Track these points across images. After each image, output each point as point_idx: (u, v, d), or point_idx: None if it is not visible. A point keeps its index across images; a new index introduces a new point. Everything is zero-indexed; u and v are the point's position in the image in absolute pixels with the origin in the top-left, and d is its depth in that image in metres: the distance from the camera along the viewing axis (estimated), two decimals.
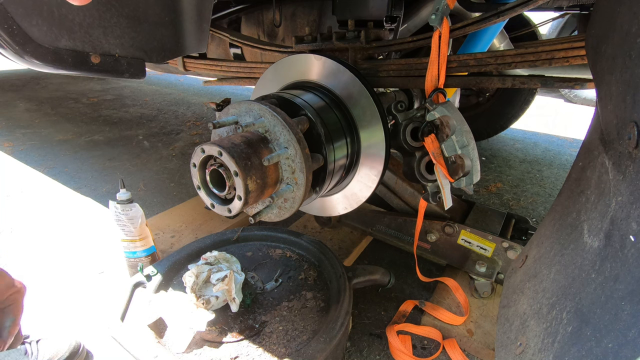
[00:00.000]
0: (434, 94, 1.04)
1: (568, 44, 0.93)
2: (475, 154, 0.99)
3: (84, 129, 3.31)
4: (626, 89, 0.51)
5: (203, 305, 1.05)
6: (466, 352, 1.14)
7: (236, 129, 0.93)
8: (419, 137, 1.04)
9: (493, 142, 3.10)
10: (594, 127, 0.72)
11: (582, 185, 0.68)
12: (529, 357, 0.61)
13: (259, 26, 2.05)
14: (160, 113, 3.91)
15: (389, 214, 1.59)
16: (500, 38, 1.77)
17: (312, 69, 1.18)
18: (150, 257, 1.38)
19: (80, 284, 1.40)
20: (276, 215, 0.99)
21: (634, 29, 0.51)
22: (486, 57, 1.03)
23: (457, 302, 1.29)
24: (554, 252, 0.69)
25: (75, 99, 4.36)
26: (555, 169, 2.61)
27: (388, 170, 1.40)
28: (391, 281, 1.28)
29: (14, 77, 5.42)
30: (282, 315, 1.08)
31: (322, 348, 0.93)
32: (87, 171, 2.45)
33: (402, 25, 1.53)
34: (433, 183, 1.08)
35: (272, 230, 1.43)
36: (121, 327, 1.01)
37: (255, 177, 0.85)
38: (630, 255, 0.46)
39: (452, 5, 0.97)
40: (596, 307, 0.49)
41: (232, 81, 1.76)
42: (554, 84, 1.01)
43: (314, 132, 1.01)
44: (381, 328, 1.22)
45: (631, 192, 0.48)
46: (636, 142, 0.47)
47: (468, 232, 1.38)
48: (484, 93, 2.79)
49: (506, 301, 0.80)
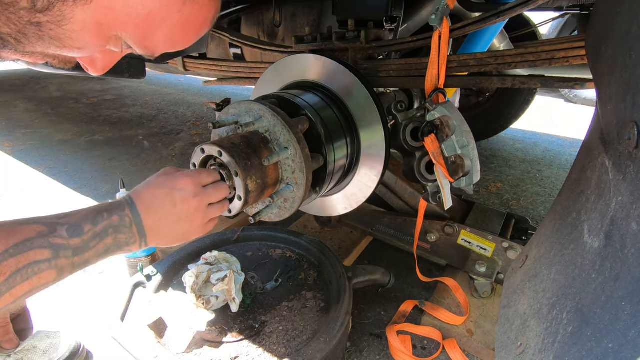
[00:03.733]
0: (434, 94, 1.04)
1: (568, 44, 0.93)
2: (475, 154, 0.99)
3: (84, 129, 3.31)
4: (626, 89, 0.51)
5: (203, 305, 1.05)
6: (466, 352, 1.13)
7: (236, 129, 0.93)
8: (419, 137, 1.04)
9: (493, 142, 3.10)
10: (594, 127, 0.71)
11: (582, 185, 0.68)
12: (529, 357, 0.61)
13: (259, 26, 2.05)
14: (160, 113, 3.91)
15: (389, 214, 1.59)
16: (500, 38, 1.77)
17: (312, 69, 1.18)
18: (150, 257, 1.38)
19: (80, 284, 1.40)
20: (276, 215, 0.99)
21: (634, 29, 0.51)
22: (486, 57, 1.03)
23: (457, 302, 1.29)
24: (554, 252, 0.69)
25: (75, 99, 4.36)
26: (555, 169, 2.61)
27: (388, 170, 1.40)
28: (391, 281, 1.28)
29: (14, 77, 5.42)
30: (282, 315, 1.08)
31: (322, 348, 0.93)
32: (87, 171, 2.45)
33: (402, 25, 1.53)
34: (433, 183, 1.08)
35: (272, 230, 1.43)
36: (121, 327, 1.01)
37: (255, 177, 0.85)
38: (631, 255, 0.46)
39: (452, 5, 0.97)
40: (596, 307, 0.49)
41: (232, 81, 1.76)
42: (554, 84, 1.01)
43: (314, 132, 1.01)
44: (381, 328, 1.22)
45: (631, 192, 0.48)
46: (636, 142, 0.47)
47: (468, 232, 1.38)
48: (484, 93, 2.79)
49: (506, 301, 0.80)
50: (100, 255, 0.67)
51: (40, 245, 0.58)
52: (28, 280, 0.57)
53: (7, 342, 0.81)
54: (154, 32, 0.62)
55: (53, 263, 0.60)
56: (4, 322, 0.81)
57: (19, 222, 0.60)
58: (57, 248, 0.60)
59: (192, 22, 0.65)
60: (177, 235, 0.76)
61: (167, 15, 0.61)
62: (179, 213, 0.74)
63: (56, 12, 0.54)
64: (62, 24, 0.55)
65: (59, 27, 0.55)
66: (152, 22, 0.60)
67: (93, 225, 0.65)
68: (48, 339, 0.92)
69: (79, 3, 0.54)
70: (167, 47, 0.67)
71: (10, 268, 0.55)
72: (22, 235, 0.57)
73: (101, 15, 0.56)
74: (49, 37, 0.57)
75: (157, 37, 0.63)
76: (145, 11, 0.58)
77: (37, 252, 0.58)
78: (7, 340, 0.81)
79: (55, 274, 0.61)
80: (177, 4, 0.61)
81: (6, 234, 0.56)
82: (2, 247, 0.55)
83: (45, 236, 0.59)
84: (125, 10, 0.57)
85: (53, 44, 0.58)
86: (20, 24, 0.54)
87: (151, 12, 0.59)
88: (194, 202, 0.75)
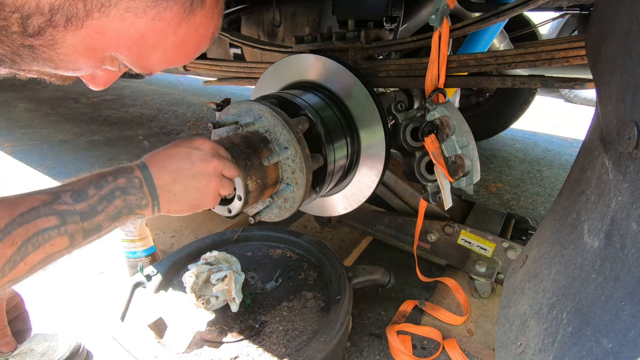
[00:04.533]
0: (434, 94, 1.04)
1: (568, 44, 0.93)
2: (475, 154, 0.99)
3: (84, 129, 3.31)
4: (626, 89, 0.51)
5: (203, 305, 1.05)
6: (466, 352, 1.13)
7: (236, 129, 0.93)
8: (419, 137, 1.04)
9: (493, 142, 3.10)
10: (594, 127, 0.72)
11: (582, 185, 0.68)
12: (529, 357, 0.61)
13: (259, 26, 2.05)
14: (160, 113, 3.91)
15: (389, 214, 1.59)
16: (500, 38, 1.77)
17: (312, 69, 1.18)
18: (150, 257, 1.38)
19: (80, 284, 1.40)
20: (276, 215, 0.99)
21: (634, 29, 0.51)
22: (486, 57, 1.03)
23: (457, 302, 1.29)
24: (554, 252, 0.69)
25: (75, 99, 4.36)
26: (555, 169, 2.61)
27: (388, 170, 1.40)
28: (391, 281, 1.28)
29: (14, 77, 5.40)
30: (282, 315, 1.08)
31: (322, 348, 0.93)
32: (87, 171, 2.40)
33: (402, 25, 1.53)
34: (433, 183, 1.08)
35: (272, 230, 1.43)
36: (121, 327, 1.01)
37: (255, 177, 0.85)
38: (630, 255, 0.46)
39: (452, 5, 0.97)
40: (596, 307, 0.49)
41: (232, 81, 1.76)
42: (554, 84, 1.01)
43: (314, 132, 1.01)
44: (381, 328, 1.22)
45: (631, 192, 0.48)
46: (636, 142, 0.47)
47: (468, 232, 1.38)
48: (484, 93, 2.79)
49: (506, 301, 0.80)
50: (112, 218, 0.65)
51: (46, 213, 0.57)
52: (40, 248, 0.57)
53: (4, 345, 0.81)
54: (149, 53, 0.62)
55: (62, 229, 0.59)
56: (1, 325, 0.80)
57: (21, 194, 0.59)
58: (64, 214, 0.59)
59: (189, 42, 0.64)
60: (190, 199, 0.74)
61: (161, 37, 0.60)
62: (195, 171, 0.72)
63: (47, 36, 0.54)
64: (54, 47, 0.55)
65: (52, 50, 0.56)
66: (145, 44, 0.60)
67: (97, 189, 0.64)
68: (46, 341, 0.91)
69: (70, 28, 0.54)
70: (164, 65, 0.66)
71: (21, 237, 0.54)
72: (26, 205, 0.56)
73: (92, 40, 0.56)
74: (42, 58, 0.57)
75: (153, 58, 0.63)
76: (138, 34, 0.58)
77: (44, 219, 0.57)
78: (5, 343, 0.80)
79: (67, 241, 0.60)
80: (171, 26, 0.60)
81: (10, 205, 0.55)
82: (9, 217, 0.54)
83: (50, 204, 0.58)
84: (117, 34, 0.57)
85: (47, 65, 0.58)
86: (14, 46, 0.55)
87: (144, 35, 0.58)
88: (213, 162, 0.74)
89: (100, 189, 0.64)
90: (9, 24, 0.52)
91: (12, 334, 0.82)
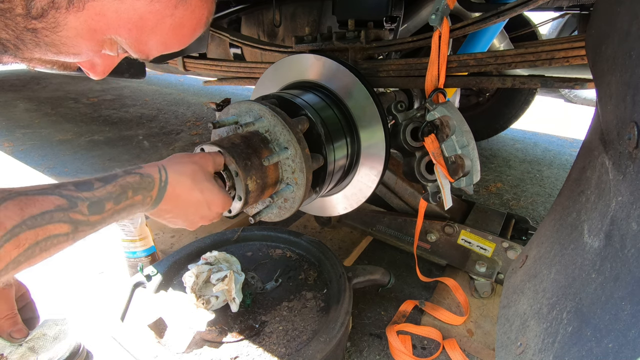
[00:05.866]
0: (434, 94, 1.04)
1: (568, 44, 0.93)
2: (475, 154, 0.99)
3: (84, 129, 3.31)
4: (626, 89, 0.51)
5: (203, 305, 1.05)
6: (466, 352, 1.13)
7: (236, 129, 0.93)
8: (419, 137, 1.04)
9: (493, 142, 3.10)
10: (594, 127, 0.71)
11: (582, 185, 0.68)
12: (529, 357, 0.61)
13: (259, 26, 2.05)
14: (160, 113, 3.91)
15: (389, 214, 1.59)
16: (500, 38, 1.77)
17: (312, 69, 1.18)
18: (150, 257, 1.38)
19: (80, 284, 1.40)
20: (276, 215, 0.99)
21: (634, 29, 0.51)
22: (486, 57, 1.03)
23: (457, 302, 1.29)
24: (554, 252, 0.69)
25: (75, 99, 4.36)
26: (555, 169, 2.61)
27: (388, 170, 1.40)
28: (391, 281, 1.28)
29: (14, 77, 5.41)
30: (282, 315, 1.08)
31: (322, 348, 0.93)
32: (87, 171, 2.45)
33: (402, 25, 1.53)
34: (433, 183, 1.08)
35: (272, 230, 1.43)
36: (121, 327, 1.01)
37: (255, 177, 0.85)
38: (630, 255, 0.46)
39: (452, 5, 0.97)
40: (596, 307, 0.49)
41: (232, 81, 1.76)
42: (554, 84, 1.01)
43: (314, 132, 1.01)
44: (381, 328, 1.22)
45: (631, 192, 0.48)
46: (636, 142, 0.47)
47: (468, 232, 1.38)
48: (484, 93, 2.79)
49: (506, 301, 0.80)
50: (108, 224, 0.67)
51: (60, 220, 0.57)
52: (47, 251, 0.57)
53: (16, 332, 0.83)
54: (148, 36, 0.63)
55: (71, 236, 0.59)
56: (12, 313, 0.83)
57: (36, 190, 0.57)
58: (77, 223, 0.59)
59: (185, 24, 0.66)
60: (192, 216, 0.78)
61: (159, 19, 0.62)
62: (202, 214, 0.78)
63: (50, 18, 0.55)
64: (56, 30, 0.56)
65: (54, 33, 0.57)
66: (144, 26, 0.61)
67: (115, 204, 0.64)
68: (56, 326, 0.93)
69: (72, 10, 0.55)
70: (161, 49, 0.67)
71: (29, 240, 0.54)
72: (38, 207, 0.55)
73: (94, 21, 0.57)
74: (44, 43, 0.58)
75: (151, 41, 0.64)
76: (137, 16, 0.59)
77: (56, 226, 0.56)
78: (17, 330, 0.83)
79: (70, 244, 0.61)
80: (168, 8, 0.62)
81: (21, 204, 0.54)
82: (18, 218, 0.53)
83: (65, 210, 0.58)
84: (117, 15, 0.58)
85: (49, 50, 0.59)
86: (17, 29, 0.56)
87: (143, 17, 0.60)
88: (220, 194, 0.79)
89: (117, 204, 0.65)
90: (13, 5, 0.53)
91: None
